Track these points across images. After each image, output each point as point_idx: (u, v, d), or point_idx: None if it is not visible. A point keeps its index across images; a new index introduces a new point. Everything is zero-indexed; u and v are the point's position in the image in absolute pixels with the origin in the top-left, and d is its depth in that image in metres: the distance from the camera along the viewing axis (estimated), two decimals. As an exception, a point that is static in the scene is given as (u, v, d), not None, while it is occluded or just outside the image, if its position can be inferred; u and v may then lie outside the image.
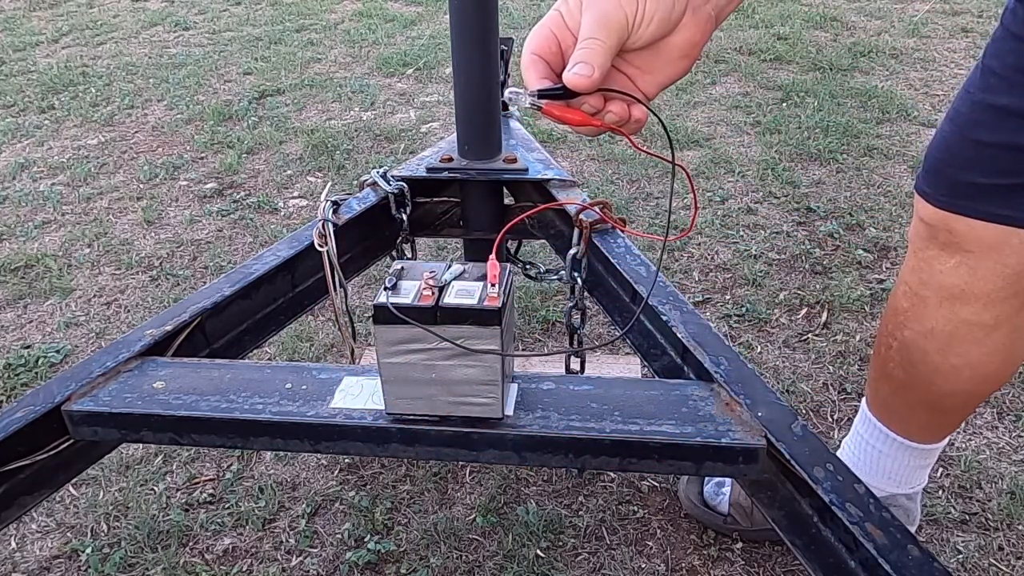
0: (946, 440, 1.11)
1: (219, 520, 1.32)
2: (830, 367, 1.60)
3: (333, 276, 0.95)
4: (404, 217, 1.13)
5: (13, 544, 1.30)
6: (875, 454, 1.11)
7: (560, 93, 0.56)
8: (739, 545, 1.26)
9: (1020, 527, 1.27)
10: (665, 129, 0.60)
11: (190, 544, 1.29)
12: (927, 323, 0.95)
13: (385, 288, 0.68)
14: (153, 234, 2.15)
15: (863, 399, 1.12)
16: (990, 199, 0.84)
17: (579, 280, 1.00)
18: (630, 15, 0.54)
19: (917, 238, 0.95)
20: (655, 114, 0.60)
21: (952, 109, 0.89)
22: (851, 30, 3.52)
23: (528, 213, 1.06)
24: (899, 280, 0.99)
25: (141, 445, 1.45)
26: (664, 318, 0.86)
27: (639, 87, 0.59)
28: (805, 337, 1.69)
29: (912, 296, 0.96)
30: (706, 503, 1.27)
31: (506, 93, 0.59)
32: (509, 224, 0.79)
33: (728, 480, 1.24)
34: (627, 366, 1.52)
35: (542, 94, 0.57)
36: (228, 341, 0.95)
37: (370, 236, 1.13)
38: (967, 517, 1.29)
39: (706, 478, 1.28)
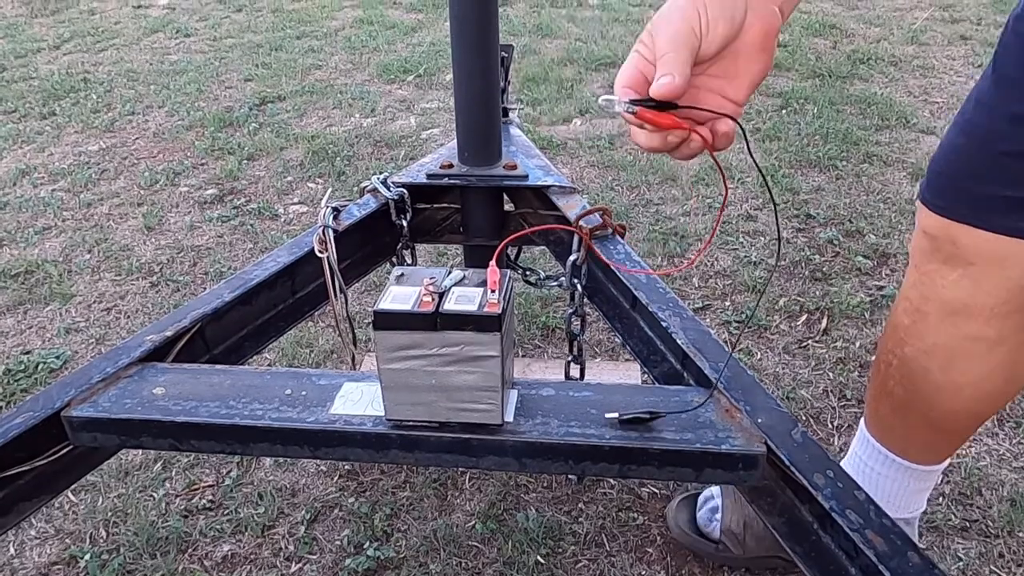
0: (945, 463, 1.09)
1: (218, 526, 1.32)
2: (830, 373, 1.60)
3: (333, 282, 0.95)
4: (404, 223, 1.13)
5: (12, 550, 1.30)
6: (873, 476, 1.09)
7: (651, 105, 0.60)
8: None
9: (1021, 534, 1.27)
10: (746, 138, 0.62)
11: (189, 551, 1.28)
12: (928, 339, 0.93)
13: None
14: (153, 240, 2.15)
15: (861, 420, 1.10)
16: (1006, 211, 0.82)
17: (579, 286, 1.00)
18: (694, 24, 0.59)
19: (919, 252, 0.93)
20: (739, 124, 0.63)
21: (963, 121, 0.86)
22: (850, 37, 3.53)
23: (532, 230, 1.06)
24: (900, 296, 0.97)
25: (140, 451, 1.45)
26: (664, 324, 0.86)
27: (729, 96, 0.63)
28: (805, 343, 1.69)
29: (913, 312, 0.94)
30: (699, 530, 1.24)
31: (600, 99, 0.63)
32: (512, 236, 0.80)
33: (721, 507, 1.23)
34: (627, 372, 1.52)
35: (634, 103, 0.61)
36: (228, 347, 0.95)
37: (370, 242, 1.13)
38: (968, 524, 1.29)
39: (699, 504, 1.26)
